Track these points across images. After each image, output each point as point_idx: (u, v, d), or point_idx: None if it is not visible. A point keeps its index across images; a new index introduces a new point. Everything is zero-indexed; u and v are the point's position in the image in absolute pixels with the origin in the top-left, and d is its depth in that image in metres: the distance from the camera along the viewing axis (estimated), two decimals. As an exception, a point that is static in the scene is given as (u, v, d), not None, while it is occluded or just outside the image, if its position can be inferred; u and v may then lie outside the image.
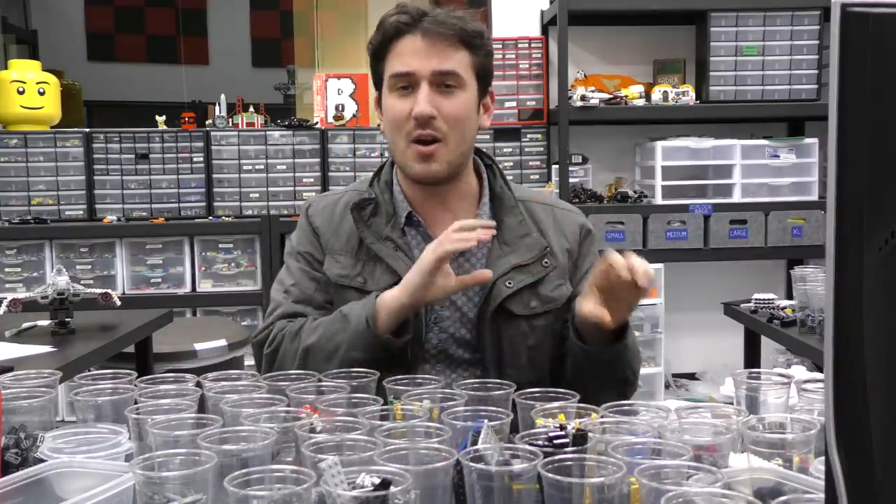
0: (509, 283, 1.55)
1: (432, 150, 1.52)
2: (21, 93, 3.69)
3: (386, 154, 3.31)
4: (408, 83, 1.52)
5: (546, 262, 1.58)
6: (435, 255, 1.44)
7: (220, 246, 3.73)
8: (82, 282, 3.44)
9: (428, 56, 1.50)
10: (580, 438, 1.04)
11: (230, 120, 3.80)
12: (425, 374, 1.49)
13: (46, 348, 2.05)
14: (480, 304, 1.55)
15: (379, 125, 1.66)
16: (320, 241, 1.64)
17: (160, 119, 3.80)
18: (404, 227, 1.61)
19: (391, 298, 1.48)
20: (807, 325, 2.44)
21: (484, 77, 1.58)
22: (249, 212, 3.74)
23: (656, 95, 3.71)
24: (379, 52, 1.56)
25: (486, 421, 1.09)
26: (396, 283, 1.53)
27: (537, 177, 3.78)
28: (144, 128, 3.76)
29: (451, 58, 1.52)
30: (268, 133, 3.75)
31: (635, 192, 3.76)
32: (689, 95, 3.71)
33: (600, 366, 1.48)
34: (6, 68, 3.84)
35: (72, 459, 1.07)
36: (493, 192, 1.63)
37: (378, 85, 1.61)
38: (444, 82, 1.52)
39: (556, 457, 0.98)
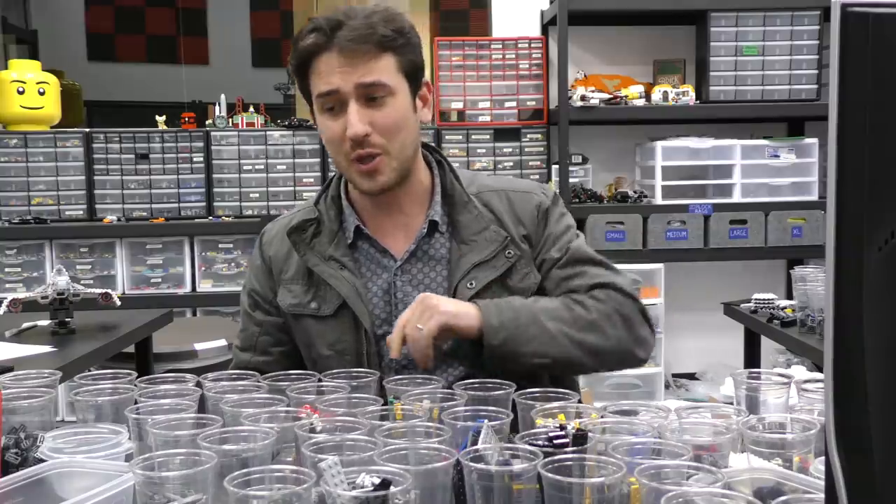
0: (471, 284, 1.51)
1: (374, 166, 1.48)
2: (21, 93, 3.69)
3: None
4: (334, 102, 1.46)
5: (510, 253, 1.53)
6: None
7: (220, 246, 3.73)
8: (82, 282, 3.44)
9: (349, 71, 1.43)
10: (580, 438, 1.04)
11: (230, 120, 3.80)
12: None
13: (46, 348, 2.05)
14: None
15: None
16: (272, 274, 1.62)
17: (160, 119, 3.80)
18: (357, 241, 1.57)
19: None
20: (807, 325, 2.44)
21: (414, 74, 1.51)
22: (249, 212, 3.74)
23: (656, 95, 3.71)
24: (300, 73, 1.50)
25: (486, 421, 1.08)
26: (344, 305, 1.52)
27: (537, 177, 3.78)
28: (144, 128, 3.77)
29: (373, 68, 1.44)
30: (268, 133, 3.75)
31: (635, 192, 3.76)
32: (689, 95, 3.71)
33: (510, 361, 1.44)
34: (6, 68, 3.84)
35: (72, 459, 1.07)
36: (444, 190, 1.58)
37: (308, 101, 1.55)
38: (370, 95, 1.45)
39: (556, 457, 0.98)
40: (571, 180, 3.69)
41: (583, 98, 3.63)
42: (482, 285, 1.51)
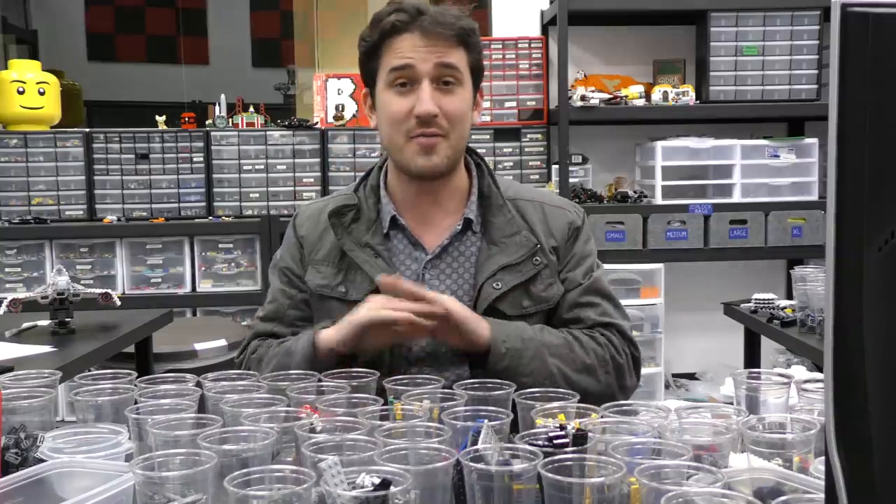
0: (497, 285, 1.53)
1: (434, 143, 1.50)
2: (21, 93, 3.69)
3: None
4: (407, 79, 1.50)
5: (537, 260, 1.55)
6: (369, 317, 1.43)
7: (220, 246, 3.73)
8: (82, 282, 3.44)
9: (429, 51, 1.49)
10: (580, 438, 1.04)
11: (230, 120, 3.80)
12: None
13: (46, 348, 2.05)
14: (471, 308, 1.53)
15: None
16: (303, 252, 1.63)
17: (160, 119, 3.80)
18: (390, 231, 1.59)
19: (327, 339, 1.48)
20: (807, 325, 2.44)
21: (477, 75, 1.57)
22: (249, 212, 3.74)
23: (656, 95, 3.71)
24: (374, 50, 1.54)
25: (486, 421, 1.08)
26: (375, 292, 1.52)
27: (537, 177, 3.78)
28: (144, 128, 3.77)
29: (451, 53, 1.50)
30: (268, 133, 3.75)
31: (635, 192, 3.76)
32: (689, 95, 3.71)
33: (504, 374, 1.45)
34: (6, 68, 3.84)
35: (72, 459, 1.07)
36: (480, 192, 1.61)
37: (369, 82, 1.58)
38: (443, 77, 1.50)
39: (556, 457, 0.98)
40: (571, 180, 3.69)
41: (583, 98, 3.63)
42: (508, 288, 1.53)
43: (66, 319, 2.21)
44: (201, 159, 3.72)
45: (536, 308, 1.56)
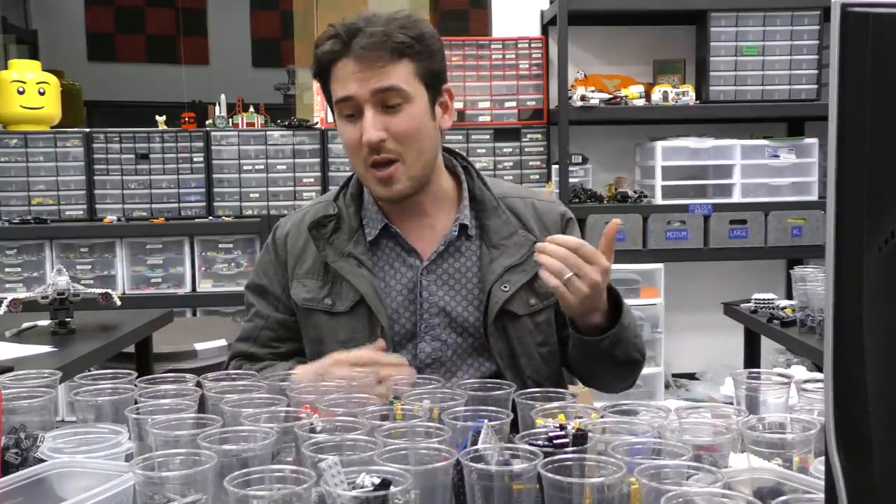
0: (505, 287, 1.53)
1: (390, 173, 1.48)
2: (21, 93, 3.69)
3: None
4: (352, 108, 1.47)
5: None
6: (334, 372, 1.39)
7: (220, 246, 3.73)
8: (82, 282, 3.44)
9: (364, 78, 1.44)
10: (580, 438, 1.04)
11: (230, 120, 3.80)
12: None
13: (46, 348, 2.05)
14: (483, 313, 1.54)
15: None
16: (286, 268, 1.61)
17: (160, 119, 3.80)
18: (381, 239, 1.57)
19: (304, 375, 1.43)
20: (807, 325, 2.44)
21: (433, 81, 1.51)
22: (249, 212, 3.74)
23: (656, 95, 3.71)
24: (322, 81, 1.52)
25: (486, 421, 1.08)
26: (360, 302, 1.52)
27: (537, 177, 3.78)
28: (144, 128, 3.77)
29: (388, 74, 1.44)
30: (268, 133, 3.75)
31: (635, 192, 3.76)
32: (689, 95, 3.71)
33: (602, 353, 1.47)
34: (6, 68, 3.84)
35: (72, 459, 1.07)
36: (472, 195, 1.60)
37: (331, 107, 1.56)
38: (386, 101, 1.45)
39: (556, 457, 0.98)
40: (571, 180, 3.69)
41: (583, 98, 3.63)
42: (515, 288, 1.53)
43: (66, 319, 2.21)
44: (201, 159, 3.72)
45: (543, 304, 1.57)
